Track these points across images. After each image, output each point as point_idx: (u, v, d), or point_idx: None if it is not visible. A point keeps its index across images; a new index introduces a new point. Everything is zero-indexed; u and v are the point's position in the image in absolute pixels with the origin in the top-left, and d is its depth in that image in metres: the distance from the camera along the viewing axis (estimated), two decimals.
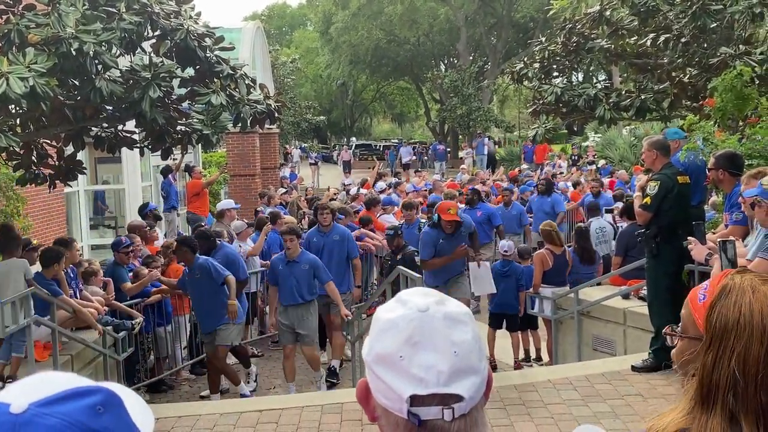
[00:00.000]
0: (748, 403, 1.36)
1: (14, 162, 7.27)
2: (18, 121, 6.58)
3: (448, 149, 41.22)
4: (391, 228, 10.33)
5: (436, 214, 8.33)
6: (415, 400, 1.13)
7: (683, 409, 1.45)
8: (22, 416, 0.89)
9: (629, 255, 8.95)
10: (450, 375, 1.15)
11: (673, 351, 1.73)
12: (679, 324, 1.74)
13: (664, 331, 1.79)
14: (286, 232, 8.75)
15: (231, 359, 8.96)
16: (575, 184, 18.80)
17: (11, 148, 6.46)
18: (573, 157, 26.84)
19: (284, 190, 18.67)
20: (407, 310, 1.19)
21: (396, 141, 51.60)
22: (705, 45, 11.21)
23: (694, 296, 1.69)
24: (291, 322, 8.50)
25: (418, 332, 1.16)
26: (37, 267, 7.54)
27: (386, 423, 1.18)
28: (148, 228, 10.80)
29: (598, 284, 9.08)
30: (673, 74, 11.51)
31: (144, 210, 12.31)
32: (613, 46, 11.84)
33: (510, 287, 9.61)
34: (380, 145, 46.89)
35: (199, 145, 7.70)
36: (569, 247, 10.36)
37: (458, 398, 1.15)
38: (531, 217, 13.63)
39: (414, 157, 37.80)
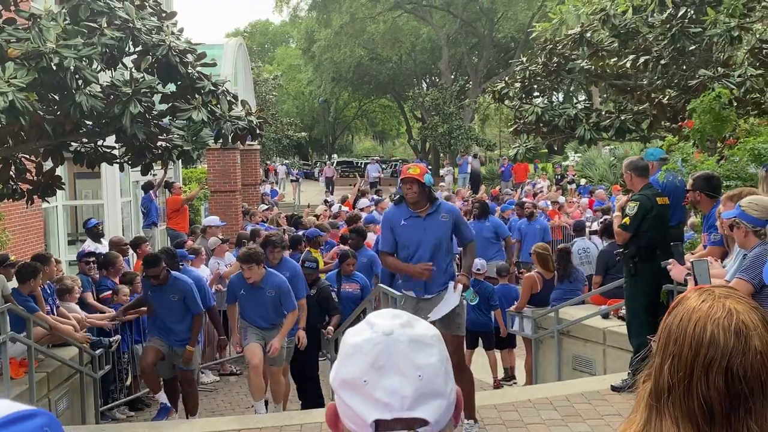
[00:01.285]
0: (681, 408, 1.41)
1: None
2: None
3: (430, 167, 41.30)
4: (311, 260, 9.02)
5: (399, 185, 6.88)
6: (380, 425, 1.13)
7: (640, 420, 1.48)
8: None
9: (609, 274, 8.99)
10: (414, 399, 1.14)
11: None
12: None
13: (649, 339, 1.83)
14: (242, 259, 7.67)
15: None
16: (554, 203, 18.92)
17: None
18: (557, 177, 27.02)
19: (265, 207, 18.62)
20: (372, 334, 1.18)
21: (377, 158, 51.69)
22: (684, 67, 11.35)
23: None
24: (261, 333, 7.57)
25: (383, 356, 1.15)
26: (14, 283, 7.45)
27: None
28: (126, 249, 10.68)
29: (582, 302, 9.09)
30: (653, 95, 11.63)
31: (86, 226, 11.81)
32: (593, 67, 11.96)
33: (481, 306, 9.48)
34: (362, 163, 46.97)
35: (180, 161, 7.66)
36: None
37: (423, 422, 1.14)
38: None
39: (381, 175, 36.77)
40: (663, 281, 6.55)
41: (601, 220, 13.46)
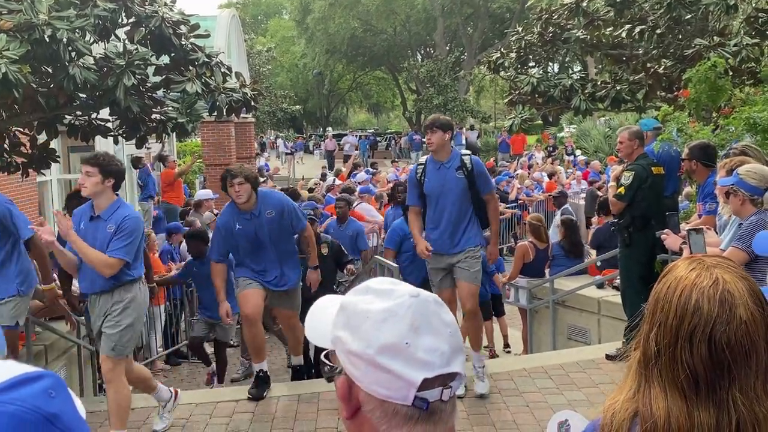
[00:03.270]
0: (668, 375, 1.43)
1: None
2: None
3: (424, 140, 41.20)
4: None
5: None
6: (422, 384, 1.15)
7: (631, 387, 1.51)
8: None
9: (602, 248, 9.05)
10: (450, 355, 1.18)
11: None
12: None
13: (642, 306, 1.85)
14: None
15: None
16: (550, 175, 18.95)
17: None
18: (549, 148, 26.98)
19: (261, 180, 18.58)
20: (400, 298, 1.20)
21: (371, 131, 51.50)
22: (680, 36, 11.30)
23: None
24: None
25: (418, 317, 1.18)
26: None
27: (381, 415, 1.18)
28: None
29: (583, 272, 9.13)
30: (648, 65, 11.59)
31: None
32: (589, 36, 11.90)
33: None
34: (357, 135, 46.84)
35: (174, 134, 7.63)
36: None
37: (454, 376, 1.19)
38: None
39: (356, 152, 33.82)
40: (657, 251, 6.57)
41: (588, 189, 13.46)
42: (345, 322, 1.22)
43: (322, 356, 1.27)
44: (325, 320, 1.26)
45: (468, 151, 6.23)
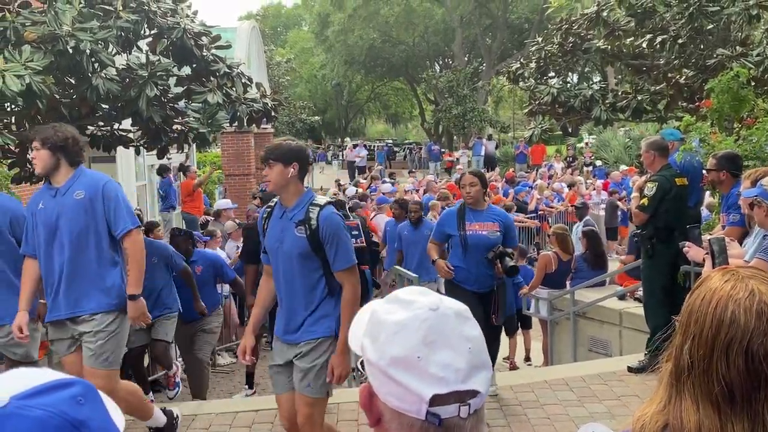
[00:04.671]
0: (701, 388, 1.40)
1: (9, 160, 7.22)
2: (13, 119, 6.54)
3: (443, 150, 41.25)
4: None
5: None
6: (434, 400, 1.13)
7: (661, 399, 1.49)
8: (5, 410, 0.89)
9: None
10: (467, 371, 1.15)
11: None
12: None
13: (673, 318, 1.84)
14: None
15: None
16: (570, 185, 18.86)
17: (7, 147, 6.43)
18: (568, 158, 26.88)
19: None
20: (417, 310, 1.18)
21: (389, 141, 51.57)
22: (702, 46, 11.23)
23: None
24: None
25: (433, 331, 1.16)
26: None
27: (398, 426, 1.17)
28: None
29: (603, 284, 9.07)
30: (670, 75, 11.52)
31: None
32: (609, 46, 11.86)
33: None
34: (374, 146, 46.90)
35: (194, 144, 7.66)
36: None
37: (474, 394, 1.16)
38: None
39: (361, 163, 34.33)
40: (680, 262, 6.51)
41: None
42: (369, 330, 1.22)
43: (357, 363, 1.27)
44: (360, 326, 1.27)
45: (324, 201, 4.15)
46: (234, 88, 6.91)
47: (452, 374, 1.14)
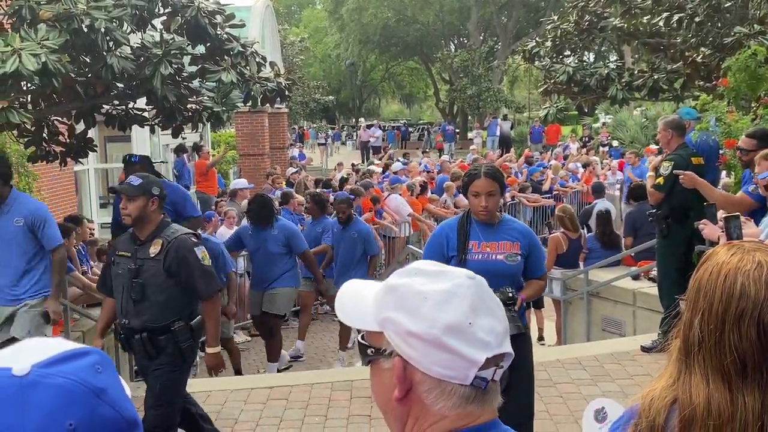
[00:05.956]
0: (712, 362, 1.42)
1: (26, 139, 7.28)
2: (29, 98, 6.58)
3: (458, 130, 41.09)
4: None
5: None
6: (483, 364, 1.18)
7: (671, 375, 1.50)
8: (27, 378, 0.91)
9: (638, 235, 8.94)
10: (503, 335, 1.21)
11: None
12: None
13: (677, 298, 1.85)
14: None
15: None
16: (585, 166, 18.78)
17: (23, 125, 6.48)
18: (584, 138, 26.73)
19: (294, 170, 18.69)
20: (457, 279, 1.22)
21: (403, 122, 51.44)
22: (719, 24, 11.10)
23: None
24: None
25: (477, 298, 1.20)
26: None
27: (437, 395, 1.19)
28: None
29: (617, 264, 9.04)
30: (687, 54, 11.40)
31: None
32: (626, 25, 11.73)
33: None
34: (388, 126, 46.81)
35: (209, 124, 7.68)
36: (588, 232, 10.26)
37: (505, 357, 1.21)
38: None
39: (377, 143, 34.69)
40: (695, 242, 6.48)
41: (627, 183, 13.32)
42: (398, 304, 1.22)
43: (359, 338, 1.28)
44: (362, 303, 1.27)
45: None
46: (248, 67, 6.90)
47: (494, 338, 1.19)
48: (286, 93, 7.56)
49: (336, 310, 1.32)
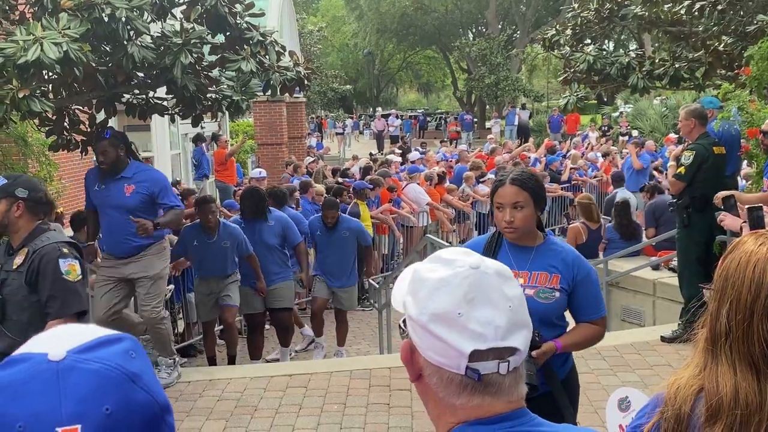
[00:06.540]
0: (740, 352, 1.41)
1: (47, 128, 7.32)
2: (51, 87, 6.61)
3: (475, 119, 40.96)
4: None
5: None
6: (474, 356, 1.16)
7: (697, 364, 1.50)
8: (63, 363, 0.92)
9: (659, 225, 8.90)
10: (507, 329, 1.18)
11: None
12: None
13: (702, 286, 1.84)
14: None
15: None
16: (605, 155, 18.67)
17: (44, 114, 6.51)
18: (603, 128, 26.55)
19: (311, 159, 18.73)
20: (458, 268, 1.21)
21: (421, 111, 51.31)
22: (741, 13, 10.95)
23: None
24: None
25: (474, 288, 1.19)
26: (69, 232, 7.64)
27: (438, 381, 1.21)
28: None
29: (637, 254, 8.99)
30: (708, 42, 11.26)
31: None
32: (647, 13, 11.61)
33: None
34: (406, 115, 46.72)
35: (227, 113, 7.69)
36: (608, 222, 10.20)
37: (513, 351, 1.19)
38: None
39: (395, 132, 34.76)
40: (716, 232, 6.44)
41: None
42: (411, 288, 1.24)
43: (400, 321, 1.29)
44: (402, 286, 1.29)
45: None
46: (267, 56, 6.90)
47: (492, 331, 1.17)
48: (305, 82, 7.55)
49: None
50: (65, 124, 7.30)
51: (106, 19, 5.60)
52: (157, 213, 6.24)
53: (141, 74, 6.67)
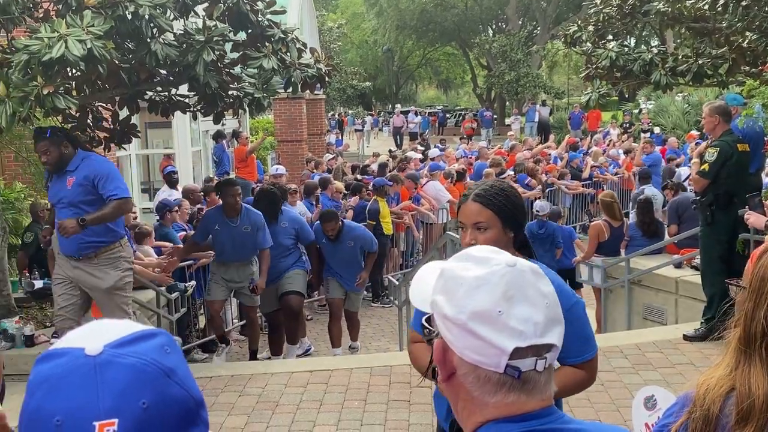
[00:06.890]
0: None
1: (70, 124, 7.38)
2: (74, 84, 6.67)
3: (495, 116, 40.83)
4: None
5: None
6: (514, 353, 1.16)
7: (728, 364, 1.48)
8: (100, 357, 0.93)
9: (682, 223, 8.84)
10: (545, 325, 1.19)
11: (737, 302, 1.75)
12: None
13: (728, 282, 1.83)
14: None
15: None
16: (626, 152, 18.54)
17: (68, 111, 6.57)
18: (624, 125, 26.37)
19: (330, 156, 18.76)
20: (495, 266, 1.21)
21: (440, 107, 51.19)
22: (766, 8, 10.82)
23: (758, 251, 1.71)
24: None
25: (512, 286, 1.19)
26: None
27: (474, 380, 1.20)
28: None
29: (660, 251, 8.94)
30: (732, 38, 11.14)
31: (164, 171, 12.18)
32: (670, 9, 11.50)
33: (547, 249, 9.53)
34: (425, 112, 46.64)
35: (247, 110, 7.72)
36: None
37: (549, 348, 1.19)
38: None
39: (415, 129, 34.73)
40: (740, 230, 6.39)
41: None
42: (442, 287, 1.24)
43: (423, 320, 1.29)
44: (426, 285, 1.28)
45: None
46: (288, 54, 6.92)
47: (531, 328, 1.17)
48: (326, 79, 7.57)
49: (410, 292, 1.33)
50: (88, 121, 7.37)
51: (129, 16, 5.64)
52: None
53: (164, 71, 6.71)
